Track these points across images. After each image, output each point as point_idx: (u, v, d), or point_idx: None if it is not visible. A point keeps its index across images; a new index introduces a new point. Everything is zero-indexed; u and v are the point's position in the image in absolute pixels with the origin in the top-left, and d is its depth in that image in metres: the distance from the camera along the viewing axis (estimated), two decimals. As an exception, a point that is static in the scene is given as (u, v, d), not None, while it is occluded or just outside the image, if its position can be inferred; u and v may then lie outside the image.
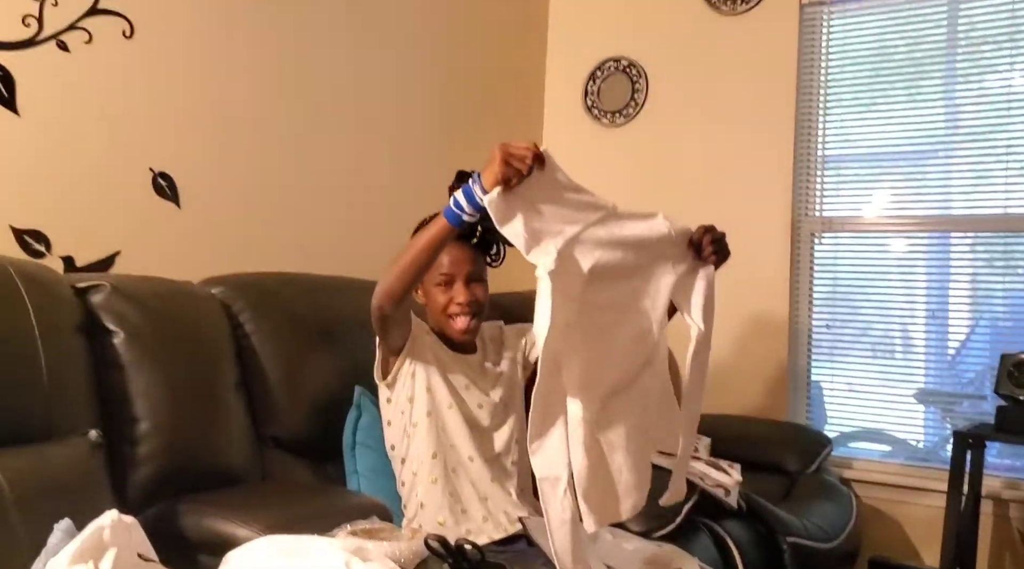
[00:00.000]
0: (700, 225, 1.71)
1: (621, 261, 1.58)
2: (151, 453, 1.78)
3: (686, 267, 1.69)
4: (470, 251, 1.91)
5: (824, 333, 3.28)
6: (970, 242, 3.11)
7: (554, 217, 1.51)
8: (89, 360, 1.74)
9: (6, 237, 2.03)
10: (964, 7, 3.06)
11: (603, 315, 1.58)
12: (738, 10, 3.35)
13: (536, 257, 1.46)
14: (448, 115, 3.30)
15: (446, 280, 1.90)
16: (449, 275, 1.90)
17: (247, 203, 2.58)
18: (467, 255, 1.90)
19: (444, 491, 1.84)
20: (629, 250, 1.60)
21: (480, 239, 1.92)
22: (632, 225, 1.61)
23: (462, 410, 1.89)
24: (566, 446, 1.45)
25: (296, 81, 2.72)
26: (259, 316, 2.11)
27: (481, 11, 3.46)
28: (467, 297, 1.89)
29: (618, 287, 1.60)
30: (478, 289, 1.92)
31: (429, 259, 1.70)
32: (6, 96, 2.03)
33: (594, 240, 1.54)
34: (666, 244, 1.65)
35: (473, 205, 1.54)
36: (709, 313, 1.70)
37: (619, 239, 1.58)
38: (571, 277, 1.49)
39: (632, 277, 1.62)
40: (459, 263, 1.90)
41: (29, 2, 2.06)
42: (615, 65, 3.61)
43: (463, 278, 1.90)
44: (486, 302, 1.95)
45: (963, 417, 3.03)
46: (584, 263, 1.52)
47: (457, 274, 1.90)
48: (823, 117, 3.27)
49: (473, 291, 1.91)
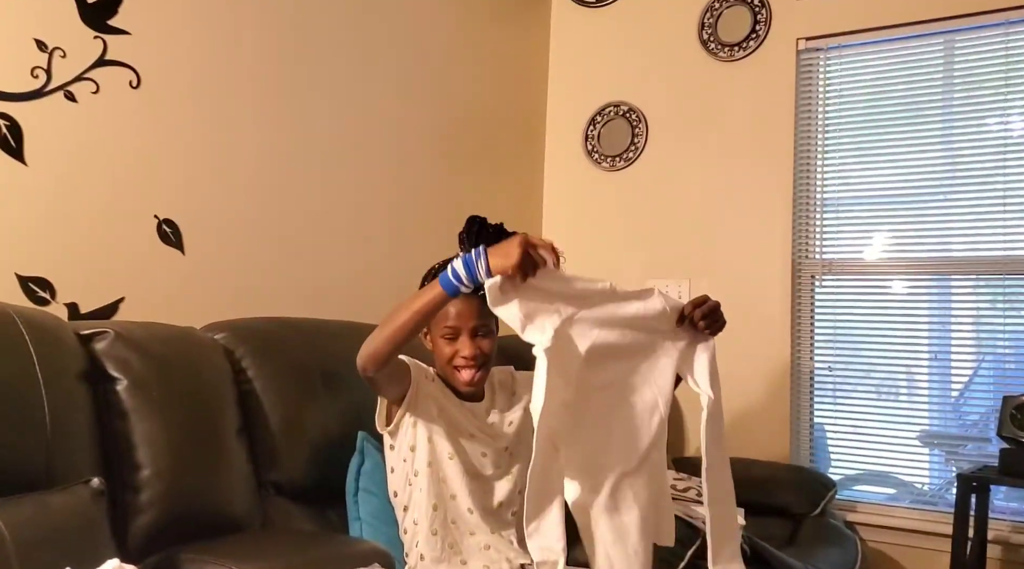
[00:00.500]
0: (691, 299, 1.69)
1: (619, 340, 1.59)
2: (152, 500, 1.77)
3: (686, 341, 1.68)
4: (476, 304, 1.86)
5: (826, 375, 3.27)
6: (971, 284, 3.12)
7: (550, 298, 1.52)
8: (92, 407, 1.75)
9: (11, 284, 2.05)
10: (959, 50, 3.10)
11: (604, 396, 1.58)
12: (735, 56, 3.39)
13: (531, 336, 1.48)
14: (449, 160, 3.33)
15: (451, 333, 1.90)
16: (454, 328, 1.89)
17: (250, 249, 2.60)
18: (473, 308, 1.88)
19: (444, 542, 1.84)
20: (627, 329, 1.60)
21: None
22: (628, 304, 1.61)
23: (463, 460, 1.89)
24: (563, 529, 1.44)
25: (298, 128, 2.76)
26: (261, 362, 2.12)
27: (483, 56, 3.51)
28: (472, 351, 1.89)
29: (618, 367, 1.60)
30: (484, 342, 1.91)
31: (419, 325, 1.71)
32: (14, 146, 2.06)
33: (591, 320, 1.55)
34: (663, 320, 1.64)
35: (472, 280, 1.55)
36: (715, 381, 1.70)
37: (617, 318, 1.58)
38: (568, 357, 1.50)
39: (632, 356, 1.63)
40: (464, 316, 1.89)
41: (38, 54, 2.10)
42: (615, 110, 3.65)
43: (468, 331, 1.90)
44: (492, 353, 1.94)
45: (968, 459, 3.01)
46: (581, 344, 1.53)
47: (462, 327, 1.89)
48: (822, 160, 3.30)
49: (478, 344, 1.90)
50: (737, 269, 3.34)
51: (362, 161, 2.97)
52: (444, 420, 1.90)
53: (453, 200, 3.29)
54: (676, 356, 1.66)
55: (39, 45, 2.10)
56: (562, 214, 3.76)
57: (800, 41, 3.31)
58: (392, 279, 2.99)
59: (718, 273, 3.36)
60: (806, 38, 3.30)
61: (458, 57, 3.38)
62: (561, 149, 3.77)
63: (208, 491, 1.88)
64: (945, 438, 3.13)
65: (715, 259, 3.39)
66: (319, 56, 2.82)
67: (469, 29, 3.45)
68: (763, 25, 3.34)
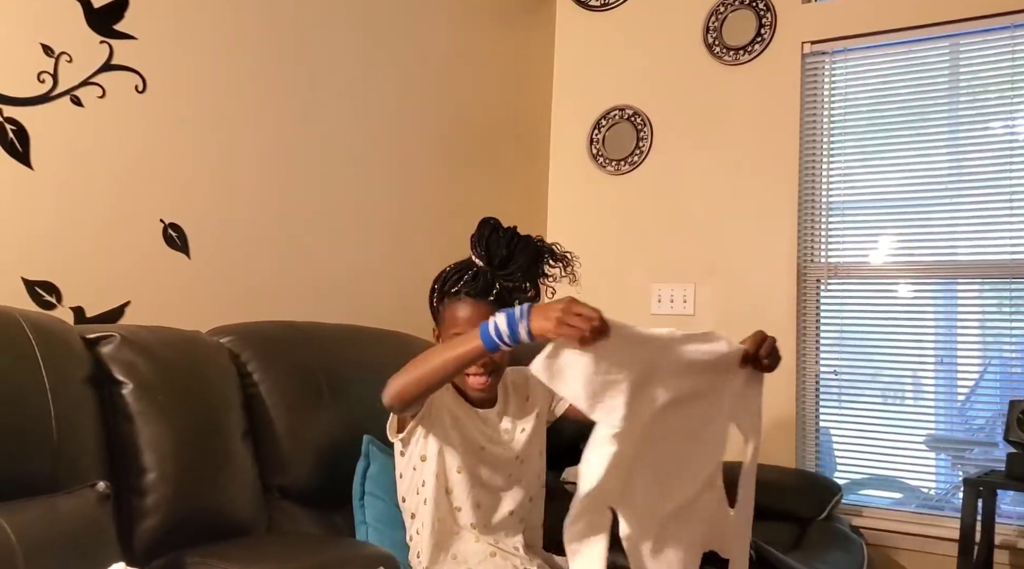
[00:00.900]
0: (753, 335, 1.62)
1: (688, 388, 1.51)
2: (158, 504, 1.77)
3: (742, 379, 1.61)
4: (486, 308, 1.81)
5: (832, 379, 3.27)
6: (977, 287, 3.11)
7: (612, 362, 1.39)
8: (98, 411, 1.75)
9: (18, 288, 2.05)
10: (965, 54, 3.10)
11: (670, 445, 1.51)
12: (740, 60, 3.39)
13: (601, 417, 1.37)
14: (454, 163, 3.33)
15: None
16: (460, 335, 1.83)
17: (255, 253, 2.60)
18: (484, 312, 1.80)
19: (447, 553, 1.83)
20: (692, 375, 1.52)
21: (497, 297, 1.85)
22: (692, 348, 1.52)
23: (472, 473, 1.87)
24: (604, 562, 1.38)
25: (304, 132, 2.76)
26: (266, 365, 2.12)
27: (487, 60, 3.51)
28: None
29: (684, 413, 1.52)
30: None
31: (452, 374, 1.69)
32: (20, 150, 2.06)
33: (660, 375, 1.45)
34: (724, 361, 1.57)
35: (514, 340, 1.50)
36: (758, 424, 1.66)
37: (682, 365, 1.49)
38: (636, 425, 1.41)
39: (698, 400, 1.54)
40: (473, 321, 1.80)
41: (44, 58, 2.10)
42: (620, 114, 3.65)
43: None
44: (504, 359, 1.89)
45: (974, 464, 3.01)
46: (650, 406, 1.44)
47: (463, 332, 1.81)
48: (827, 163, 3.30)
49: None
50: (742, 273, 3.34)
51: (367, 165, 2.98)
52: (457, 432, 1.87)
53: (458, 204, 3.30)
54: (734, 396, 1.60)
55: (46, 50, 2.11)
56: (567, 218, 3.76)
57: (805, 44, 3.31)
58: (397, 283, 2.99)
59: (723, 277, 3.36)
60: (811, 42, 3.30)
61: (463, 61, 3.39)
62: (566, 153, 3.77)
63: (214, 495, 1.88)
64: (951, 442, 3.13)
65: (720, 263, 3.39)
66: (324, 61, 2.82)
67: (473, 33, 3.45)
68: (768, 29, 3.34)
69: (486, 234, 1.87)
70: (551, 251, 1.90)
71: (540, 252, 1.88)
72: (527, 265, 1.85)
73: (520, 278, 1.84)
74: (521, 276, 1.84)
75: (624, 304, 3.55)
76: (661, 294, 3.50)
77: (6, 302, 1.74)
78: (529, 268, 1.85)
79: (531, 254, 1.86)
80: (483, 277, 1.85)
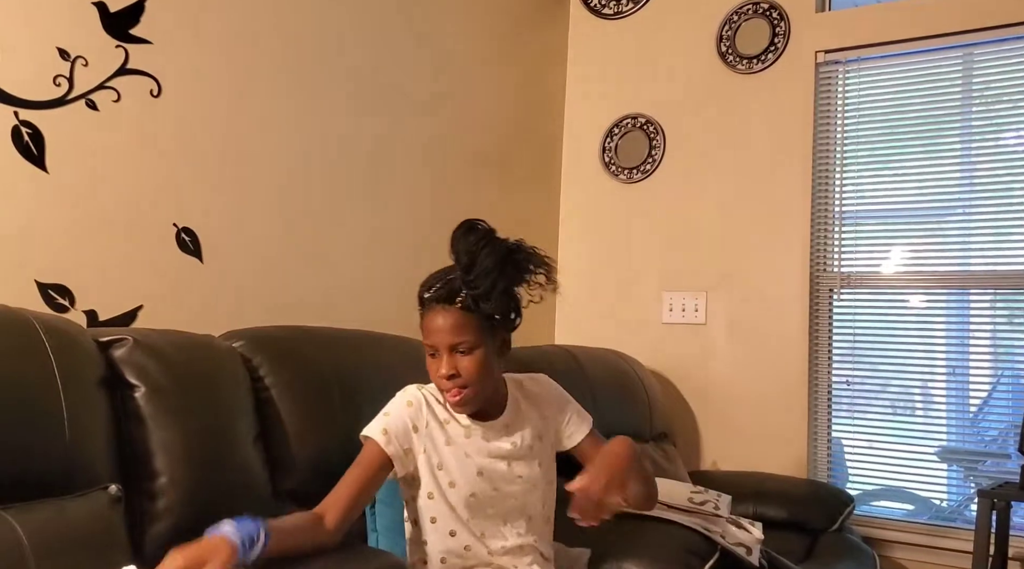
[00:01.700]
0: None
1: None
2: (169, 507, 1.77)
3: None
4: (453, 317, 1.68)
5: (844, 389, 3.26)
6: (990, 298, 3.10)
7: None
8: (110, 414, 1.75)
9: (32, 291, 2.06)
10: (978, 64, 3.10)
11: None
12: (754, 69, 3.39)
13: None
14: (467, 171, 3.34)
15: (431, 350, 1.72)
16: (432, 345, 1.72)
17: (268, 258, 2.61)
18: (448, 322, 1.68)
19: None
20: None
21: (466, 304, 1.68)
22: None
23: (462, 491, 1.76)
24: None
25: (317, 137, 2.77)
26: (278, 370, 2.11)
27: (501, 67, 3.52)
28: (447, 370, 1.69)
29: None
30: (464, 360, 1.69)
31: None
32: (36, 154, 2.07)
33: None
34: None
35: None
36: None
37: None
38: None
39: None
40: (439, 332, 1.70)
41: (60, 62, 2.11)
42: (633, 122, 3.65)
43: (446, 349, 1.69)
44: (482, 371, 1.71)
45: (986, 475, 2.99)
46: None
47: (438, 344, 1.70)
48: (840, 173, 3.29)
49: (456, 363, 1.69)
50: (755, 282, 3.33)
51: (380, 171, 2.98)
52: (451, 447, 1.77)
53: (471, 211, 3.28)
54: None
55: (62, 54, 2.12)
56: (579, 226, 3.76)
57: (819, 54, 3.31)
58: (410, 289, 2.99)
59: (736, 286, 3.36)
60: (825, 51, 3.30)
61: (476, 69, 3.39)
62: (578, 161, 3.78)
63: (224, 499, 1.87)
64: (964, 454, 3.11)
65: (733, 272, 3.38)
66: (339, 67, 2.83)
67: (487, 41, 3.46)
68: (782, 38, 3.34)
69: (458, 236, 1.71)
70: (525, 254, 1.71)
71: (509, 254, 1.68)
72: (492, 269, 1.65)
73: (488, 284, 1.65)
74: (489, 282, 1.65)
75: (635, 313, 3.55)
76: (672, 303, 3.49)
77: (20, 305, 1.74)
78: (497, 273, 1.66)
79: (498, 257, 1.66)
80: (453, 282, 1.70)
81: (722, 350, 3.39)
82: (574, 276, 3.72)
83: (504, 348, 1.79)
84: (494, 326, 1.72)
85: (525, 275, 1.71)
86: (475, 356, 1.70)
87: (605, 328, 3.54)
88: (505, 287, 1.68)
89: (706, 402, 3.43)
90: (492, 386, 1.78)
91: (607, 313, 3.59)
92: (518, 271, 1.70)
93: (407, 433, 1.76)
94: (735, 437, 3.35)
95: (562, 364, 2.87)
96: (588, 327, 3.61)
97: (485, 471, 1.77)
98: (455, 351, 1.69)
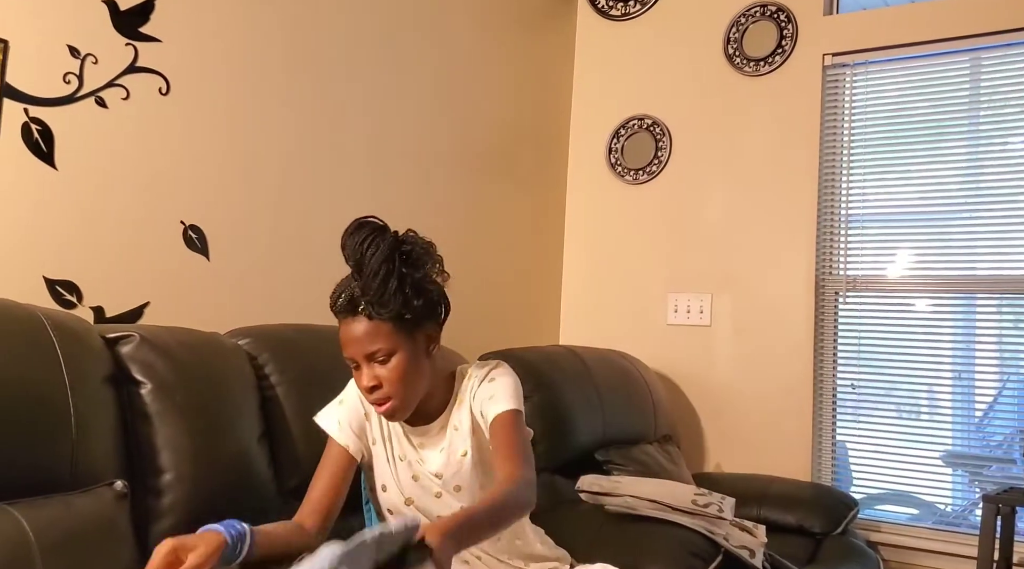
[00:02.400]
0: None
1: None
2: (174, 504, 1.77)
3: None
4: (362, 325, 1.59)
5: (849, 393, 3.25)
6: (996, 303, 3.09)
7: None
8: (116, 410, 1.75)
9: (39, 287, 2.07)
10: (986, 68, 3.09)
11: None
12: (761, 71, 3.39)
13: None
14: (473, 170, 3.34)
15: (352, 363, 1.64)
16: (349, 359, 1.63)
17: (274, 256, 2.61)
18: (358, 332, 1.59)
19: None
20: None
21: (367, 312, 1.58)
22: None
23: (393, 494, 1.73)
24: None
25: (324, 136, 2.78)
26: (284, 368, 2.12)
27: (508, 68, 3.52)
28: (367, 381, 1.60)
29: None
30: (383, 370, 1.59)
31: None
32: (45, 150, 2.08)
33: None
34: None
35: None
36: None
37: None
38: None
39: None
40: (351, 344, 1.61)
41: (70, 60, 2.12)
42: (639, 123, 3.65)
43: (363, 359, 1.61)
44: (407, 379, 1.60)
45: (991, 481, 2.98)
46: None
47: (355, 356, 1.61)
48: (847, 176, 3.29)
49: (376, 373, 1.60)
50: (760, 284, 3.33)
51: (386, 170, 2.98)
52: (387, 450, 1.71)
53: (477, 211, 3.31)
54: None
55: (72, 51, 2.12)
56: (584, 226, 3.76)
57: (826, 57, 3.30)
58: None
59: (740, 288, 3.36)
60: (832, 54, 3.30)
61: (483, 69, 3.40)
62: (584, 162, 3.78)
63: (229, 496, 1.88)
64: (969, 459, 3.10)
65: (738, 274, 3.38)
66: (346, 67, 2.84)
67: (494, 42, 3.46)
68: (789, 40, 3.34)
69: (345, 237, 1.63)
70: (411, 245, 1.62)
71: (395, 249, 1.59)
72: (379, 268, 1.57)
73: (379, 286, 1.56)
74: (379, 283, 1.56)
75: (640, 314, 3.55)
76: (678, 304, 3.49)
77: (28, 301, 1.75)
78: (386, 271, 1.57)
79: (384, 255, 1.57)
80: (352, 290, 1.61)
81: (727, 352, 3.39)
82: (579, 276, 3.72)
83: (431, 344, 1.67)
84: (412, 326, 1.61)
85: (419, 268, 1.61)
86: (395, 363, 1.59)
87: (610, 329, 3.54)
88: (399, 285, 1.57)
89: (710, 404, 3.43)
90: (423, 389, 1.66)
91: (612, 314, 3.59)
92: (411, 265, 1.59)
93: (360, 421, 1.75)
94: (739, 439, 3.35)
95: (567, 364, 2.87)
96: (593, 328, 3.61)
97: (420, 477, 1.72)
98: (373, 361, 1.59)
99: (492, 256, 3.43)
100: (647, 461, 2.90)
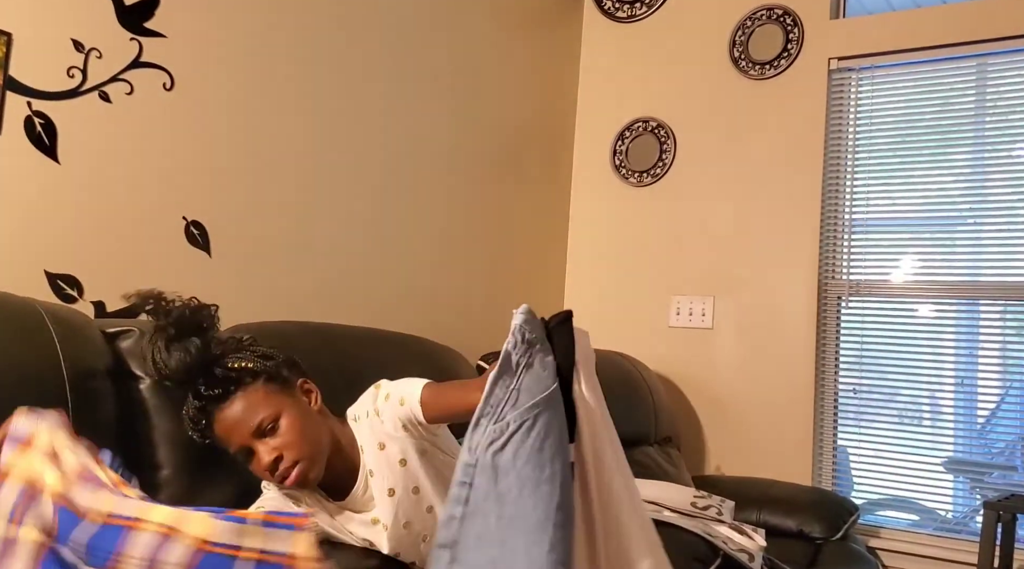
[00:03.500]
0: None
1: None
2: (171, 500, 1.77)
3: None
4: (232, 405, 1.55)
5: (851, 398, 3.24)
6: (999, 309, 3.08)
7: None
8: (115, 404, 1.75)
9: (40, 281, 2.06)
10: (992, 74, 3.09)
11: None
12: (766, 74, 3.38)
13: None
14: (477, 172, 3.33)
15: (242, 454, 1.57)
16: (240, 448, 1.56)
17: (276, 253, 2.61)
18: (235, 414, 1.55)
19: None
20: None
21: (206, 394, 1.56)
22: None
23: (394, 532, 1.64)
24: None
25: (327, 134, 2.77)
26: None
27: (513, 70, 3.52)
28: (268, 456, 1.53)
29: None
30: (277, 439, 1.54)
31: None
32: (48, 144, 2.08)
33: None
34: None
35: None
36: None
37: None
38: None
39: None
40: (235, 430, 1.55)
41: (75, 54, 2.12)
42: (644, 126, 3.65)
43: (252, 437, 1.55)
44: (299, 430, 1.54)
45: (993, 487, 2.97)
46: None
47: (245, 440, 1.55)
48: (851, 180, 3.29)
49: (272, 445, 1.54)
50: (763, 288, 3.32)
51: (388, 170, 2.98)
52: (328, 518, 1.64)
53: (480, 213, 3.30)
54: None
55: (76, 45, 2.12)
56: (588, 229, 3.76)
57: (832, 61, 3.30)
58: (416, 287, 3.00)
59: (744, 291, 3.35)
60: (838, 58, 3.29)
61: (489, 71, 3.39)
62: (589, 164, 3.77)
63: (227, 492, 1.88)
64: (970, 465, 3.09)
65: (741, 277, 3.37)
66: (352, 66, 2.84)
67: (500, 43, 3.46)
68: (795, 44, 3.33)
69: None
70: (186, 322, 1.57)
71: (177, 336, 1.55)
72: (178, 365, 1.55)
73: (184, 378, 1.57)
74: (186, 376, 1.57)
75: (642, 316, 3.54)
76: (680, 307, 3.48)
77: (29, 294, 1.75)
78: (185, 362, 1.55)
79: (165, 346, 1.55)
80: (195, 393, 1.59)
81: (729, 355, 3.38)
82: (582, 277, 3.72)
83: (312, 396, 1.66)
84: (280, 381, 1.60)
85: (208, 337, 1.58)
86: (285, 424, 1.55)
87: (612, 330, 3.53)
88: (207, 366, 1.55)
89: (711, 407, 3.42)
90: (326, 443, 1.61)
91: (614, 315, 3.58)
92: (200, 339, 1.55)
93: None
94: (740, 443, 3.34)
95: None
96: (595, 329, 3.57)
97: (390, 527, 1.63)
98: (263, 435, 1.54)
99: (495, 256, 3.43)
100: (647, 463, 2.90)
